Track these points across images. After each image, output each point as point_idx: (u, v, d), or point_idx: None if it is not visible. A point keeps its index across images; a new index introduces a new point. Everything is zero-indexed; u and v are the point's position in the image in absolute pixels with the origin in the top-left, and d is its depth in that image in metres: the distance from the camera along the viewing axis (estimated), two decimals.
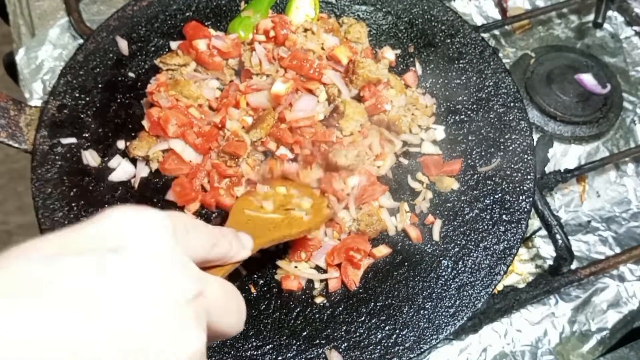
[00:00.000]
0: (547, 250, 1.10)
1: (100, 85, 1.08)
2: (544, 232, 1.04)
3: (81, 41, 1.25)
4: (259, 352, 0.85)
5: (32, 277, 0.36)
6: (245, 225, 0.79)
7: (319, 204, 0.91)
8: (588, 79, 1.28)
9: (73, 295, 0.36)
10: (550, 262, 1.04)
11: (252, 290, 0.91)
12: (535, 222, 1.10)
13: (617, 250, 1.11)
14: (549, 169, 1.12)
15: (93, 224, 0.43)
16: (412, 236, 0.96)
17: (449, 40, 1.17)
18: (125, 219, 0.43)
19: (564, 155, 1.24)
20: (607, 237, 1.14)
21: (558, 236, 0.99)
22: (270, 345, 0.85)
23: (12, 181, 2.45)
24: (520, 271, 1.09)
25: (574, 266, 1.02)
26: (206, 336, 0.43)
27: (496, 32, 1.39)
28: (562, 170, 1.11)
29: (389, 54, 1.13)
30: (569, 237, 1.01)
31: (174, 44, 1.14)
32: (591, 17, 1.40)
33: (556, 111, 1.25)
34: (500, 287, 1.04)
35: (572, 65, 1.32)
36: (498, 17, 1.42)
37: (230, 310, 0.48)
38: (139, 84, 1.10)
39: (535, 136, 1.10)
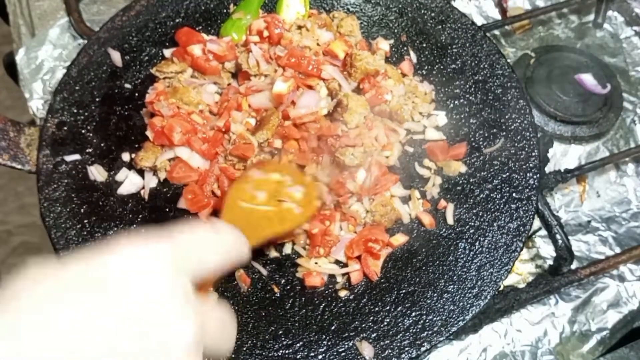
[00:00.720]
0: (547, 250, 1.10)
1: (97, 99, 1.07)
2: (544, 232, 1.03)
3: (81, 41, 1.23)
4: (290, 351, 0.85)
5: (40, 316, 0.42)
6: (240, 221, 0.79)
7: (309, 194, 0.91)
8: (588, 79, 1.28)
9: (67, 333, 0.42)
10: (550, 262, 1.04)
11: (276, 290, 0.91)
12: (535, 222, 1.08)
13: (617, 250, 1.11)
14: (549, 169, 1.11)
15: (96, 266, 0.47)
16: (425, 222, 0.97)
17: (439, 27, 1.18)
18: (125, 261, 0.47)
19: (564, 155, 1.24)
20: (607, 237, 1.14)
21: (558, 236, 0.99)
22: (300, 343, 0.86)
23: (12, 181, 2.42)
24: (520, 271, 1.09)
25: (574, 266, 1.01)
26: None
27: (496, 32, 1.38)
28: (562, 170, 1.10)
29: (383, 45, 1.14)
30: (569, 237, 1.00)
31: (167, 52, 1.13)
32: (591, 17, 1.40)
33: (556, 111, 1.24)
34: (500, 287, 1.04)
35: (572, 65, 1.31)
36: (498, 17, 1.41)
37: (222, 338, 0.55)
38: (136, 94, 1.09)
39: None
